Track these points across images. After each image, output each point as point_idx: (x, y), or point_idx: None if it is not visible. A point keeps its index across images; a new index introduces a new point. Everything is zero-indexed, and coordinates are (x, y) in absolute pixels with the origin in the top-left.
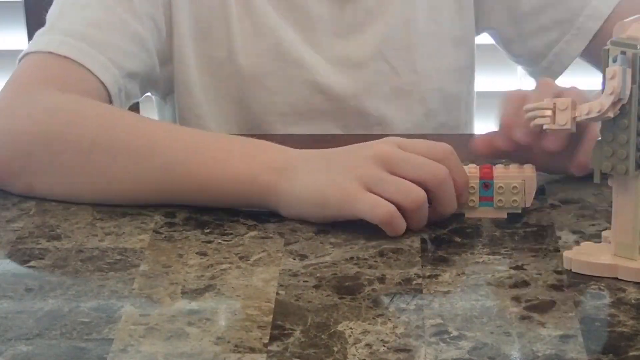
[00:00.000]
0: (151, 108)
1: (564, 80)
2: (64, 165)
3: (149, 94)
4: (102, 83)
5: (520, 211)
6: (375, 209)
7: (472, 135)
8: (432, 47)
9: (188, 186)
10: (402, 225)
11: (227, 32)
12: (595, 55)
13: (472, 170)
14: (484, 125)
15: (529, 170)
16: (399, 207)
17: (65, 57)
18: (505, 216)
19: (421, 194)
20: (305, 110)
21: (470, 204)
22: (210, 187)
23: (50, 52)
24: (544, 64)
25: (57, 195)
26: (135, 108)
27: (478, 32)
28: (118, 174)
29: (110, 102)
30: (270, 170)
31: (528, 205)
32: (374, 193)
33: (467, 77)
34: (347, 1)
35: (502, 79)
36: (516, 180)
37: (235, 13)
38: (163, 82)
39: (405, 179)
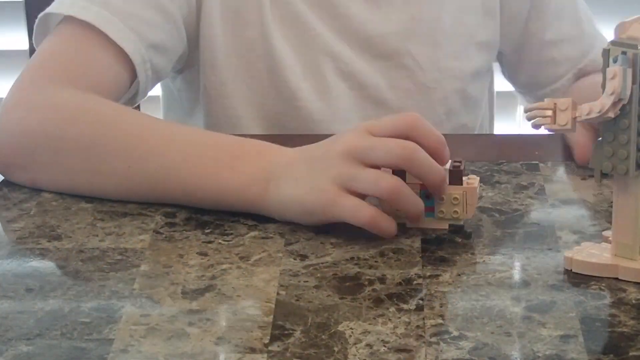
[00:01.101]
0: (155, 109)
1: None
2: (64, 163)
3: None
4: (123, 50)
5: (461, 223)
6: (357, 213)
7: (491, 134)
8: (456, 48)
9: (180, 193)
10: (389, 224)
11: (258, 13)
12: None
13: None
14: (504, 125)
15: (471, 181)
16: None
17: (86, 22)
18: (447, 227)
19: (390, 180)
20: (329, 98)
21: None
22: (201, 196)
23: (71, 17)
24: (538, 94)
25: (59, 190)
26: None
27: None
28: (114, 175)
29: (134, 71)
30: (258, 181)
31: (469, 216)
32: (351, 191)
33: (488, 80)
34: None
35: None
36: (457, 192)
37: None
38: (186, 58)
39: (378, 167)
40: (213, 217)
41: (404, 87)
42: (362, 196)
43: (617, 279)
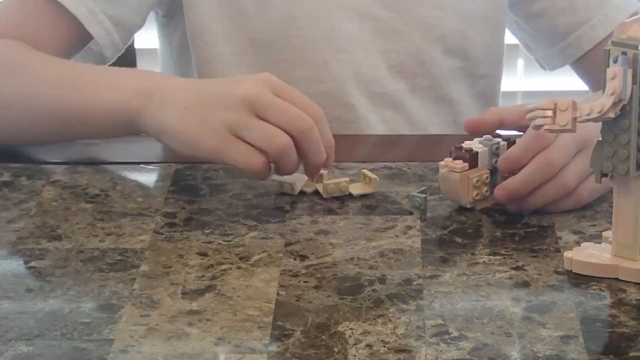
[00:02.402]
0: (151, 62)
1: (559, 82)
2: None
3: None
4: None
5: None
6: (249, 160)
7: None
8: None
9: (72, 121)
10: (268, 174)
11: None
12: (593, 62)
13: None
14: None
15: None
16: (264, 153)
17: None
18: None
19: (284, 139)
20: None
21: (486, 194)
22: (88, 118)
23: None
24: (561, 45)
25: None
26: (132, 61)
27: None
28: (15, 117)
29: (82, 27)
30: (139, 95)
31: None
32: (240, 138)
33: (497, 28)
34: None
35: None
36: None
37: None
38: (167, 3)
39: (272, 124)
40: (213, 217)
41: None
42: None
43: (617, 279)
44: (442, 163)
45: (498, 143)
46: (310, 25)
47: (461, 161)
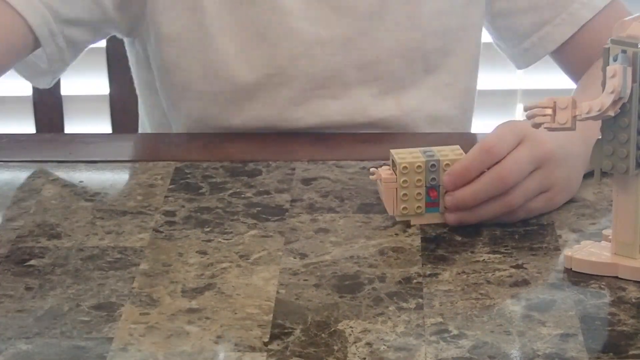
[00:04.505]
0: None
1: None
2: None
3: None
4: (27, 22)
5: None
6: None
7: (467, 134)
8: (439, 6)
9: None
10: None
11: None
12: (569, 55)
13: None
14: (483, 122)
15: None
16: None
17: None
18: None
19: None
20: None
21: (418, 211)
22: None
23: None
24: (525, 45)
25: None
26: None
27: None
28: None
29: (37, 42)
30: None
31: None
32: None
33: (477, 34)
34: None
35: (502, 77)
36: None
37: None
38: (126, 22)
39: None
40: (213, 215)
41: (386, 41)
42: None
43: (617, 277)
44: (373, 169)
45: (437, 161)
46: (290, 62)
47: (391, 171)
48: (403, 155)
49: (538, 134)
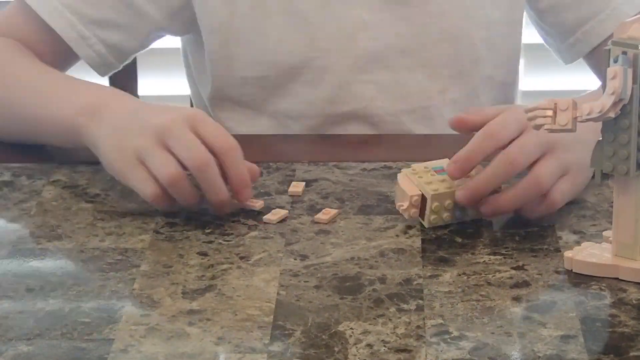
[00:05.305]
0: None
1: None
2: None
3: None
4: (51, 28)
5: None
6: (143, 186)
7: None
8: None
9: (33, 129)
10: (170, 203)
11: None
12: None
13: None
14: None
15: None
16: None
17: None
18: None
19: (173, 171)
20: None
21: (447, 220)
22: (45, 128)
23: None
24: (570, 41)
25: None
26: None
27: None
28: None
29: (64, 48)
30: (85, 111)
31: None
32: (144, 164)
33: (518, 31)
34: None
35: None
36: None
37: None
38: (178, 27)
39: (173, 156)
40: (213, 217)
41: (425, 35)
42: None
43: (617, 279)
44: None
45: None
46: (333, 46)
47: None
48: (429, 181)
49: None
